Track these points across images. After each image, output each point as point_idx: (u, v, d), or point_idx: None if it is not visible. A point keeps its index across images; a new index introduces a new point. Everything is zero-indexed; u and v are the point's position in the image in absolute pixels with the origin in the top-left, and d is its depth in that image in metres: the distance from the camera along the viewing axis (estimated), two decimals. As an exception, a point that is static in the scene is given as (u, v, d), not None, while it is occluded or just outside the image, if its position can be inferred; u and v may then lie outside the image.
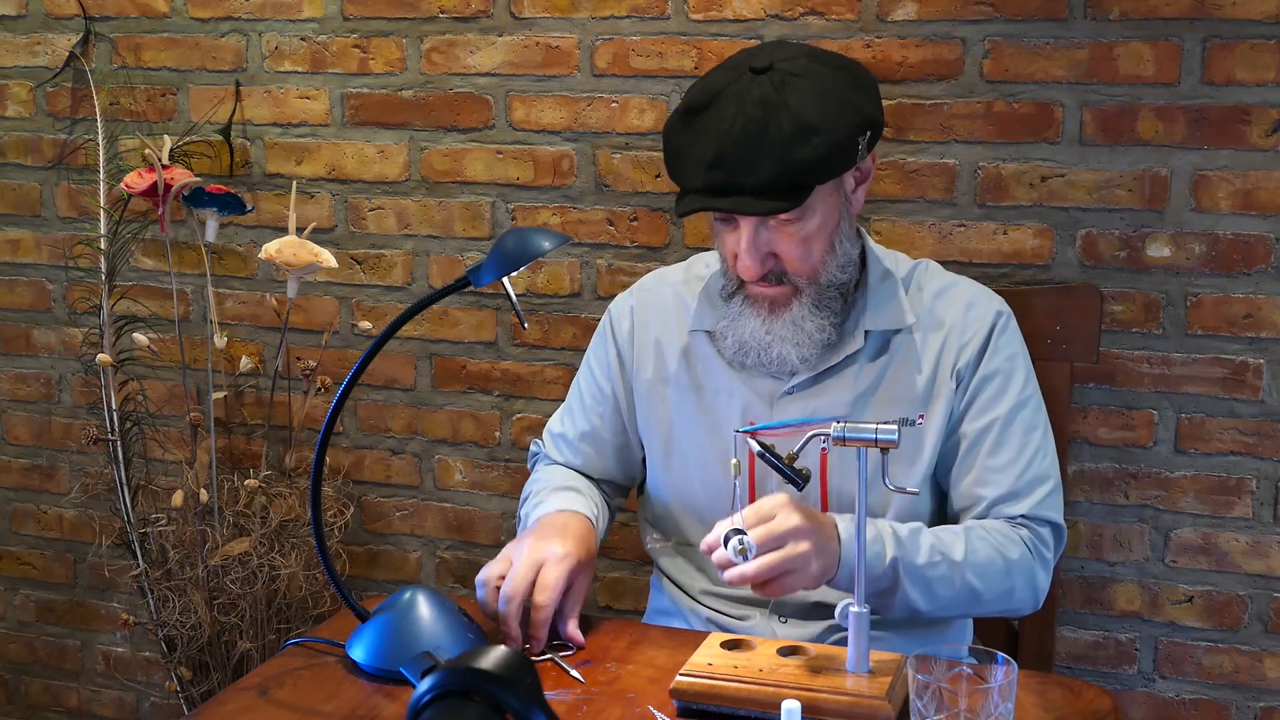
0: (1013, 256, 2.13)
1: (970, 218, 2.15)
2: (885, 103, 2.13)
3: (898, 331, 1.72)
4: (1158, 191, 2.06)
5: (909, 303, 1.74)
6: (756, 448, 1.45)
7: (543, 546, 1.62)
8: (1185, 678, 2.16)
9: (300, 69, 2.45)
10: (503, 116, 2.35)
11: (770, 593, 1.51)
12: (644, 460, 1.89)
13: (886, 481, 1.45)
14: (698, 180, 1.60)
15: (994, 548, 1.64)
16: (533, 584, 1.59)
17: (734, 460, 1.50)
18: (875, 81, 1.69)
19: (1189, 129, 2.03)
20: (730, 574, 1.48)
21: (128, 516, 2.52)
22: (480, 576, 1.63)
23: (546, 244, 1.52)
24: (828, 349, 1.71)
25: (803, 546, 1.49)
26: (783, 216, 1.61)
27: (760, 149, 1.56)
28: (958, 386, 1.71)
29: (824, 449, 1.47)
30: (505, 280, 1.53)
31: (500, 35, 2.32)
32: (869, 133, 1.63)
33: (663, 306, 1.84)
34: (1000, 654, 1.30)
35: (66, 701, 2.84)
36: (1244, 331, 2.06)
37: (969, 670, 1.31)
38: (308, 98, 2.45)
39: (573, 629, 1.60)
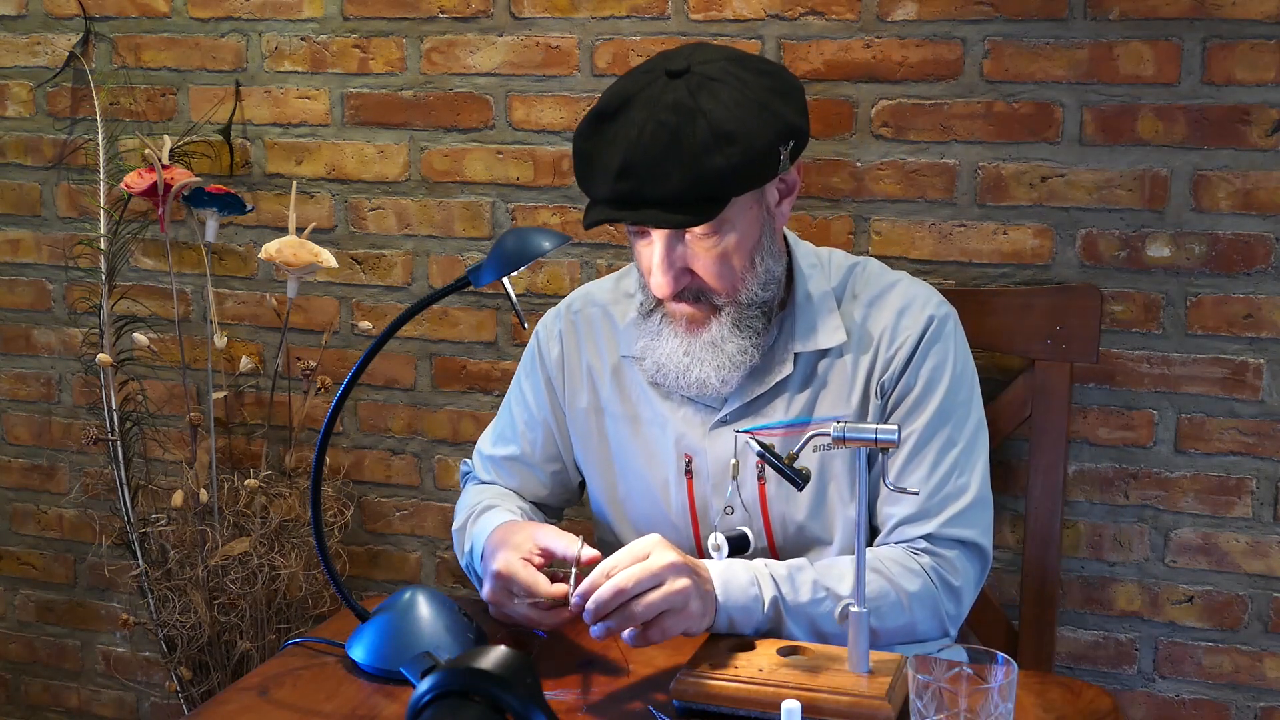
0: (1013, 256, 2.13)
1: (970, 218, 2.15)
2: (885, 103, 2.14)
3: (828, 352, 1.66)
4: (1158, 191, 2.06)
5: (840, 318, 1.66)
6: (756, 448, 1.45)
7: (491, 568, 1.59)
8: (1185, 678, 2.16)
9: (300, 69, 2.45)
10: (503, 116, 2.35)
11: (651, 638, 1.46)
12: (581, 484, 1.86)
13: (887, 482, 1.45)
14: (605, 190, 1.52)
15: (887, 580, 1.57)
16: (507, 591, 1.57)
17: (733, 461, 1.50)
18: (801, 89, 1.62)
19: (1189, 129, 2.03)
20: (595, 631, 1.44)
21: (128, 516, 2.52)
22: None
23: (546, 244, 1.52)
24: (756, 374, 1.65)
25: (681, 583, 1.44)
26: (697, 231, 1.54)
27: (671, 157, 1.48)
28: (880, 399, 1.65)
29: (762, 480, 1.45)
30: (505, 280, 1.53)
31: (500, 35, 2.32)
32: (791, 142, 1.55)
33: (593, 329, 1.78)
34: (1000, 654, 1.30)
35: (66, 701, 2.84)
36: (1244, 331, 2.06)
37: (969, 670, 1.31)
38: (308, 98, 2.45)
39: (586, 552, 1.56)
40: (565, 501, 1.90)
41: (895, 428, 1.39)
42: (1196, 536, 2.12)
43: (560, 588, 1.53)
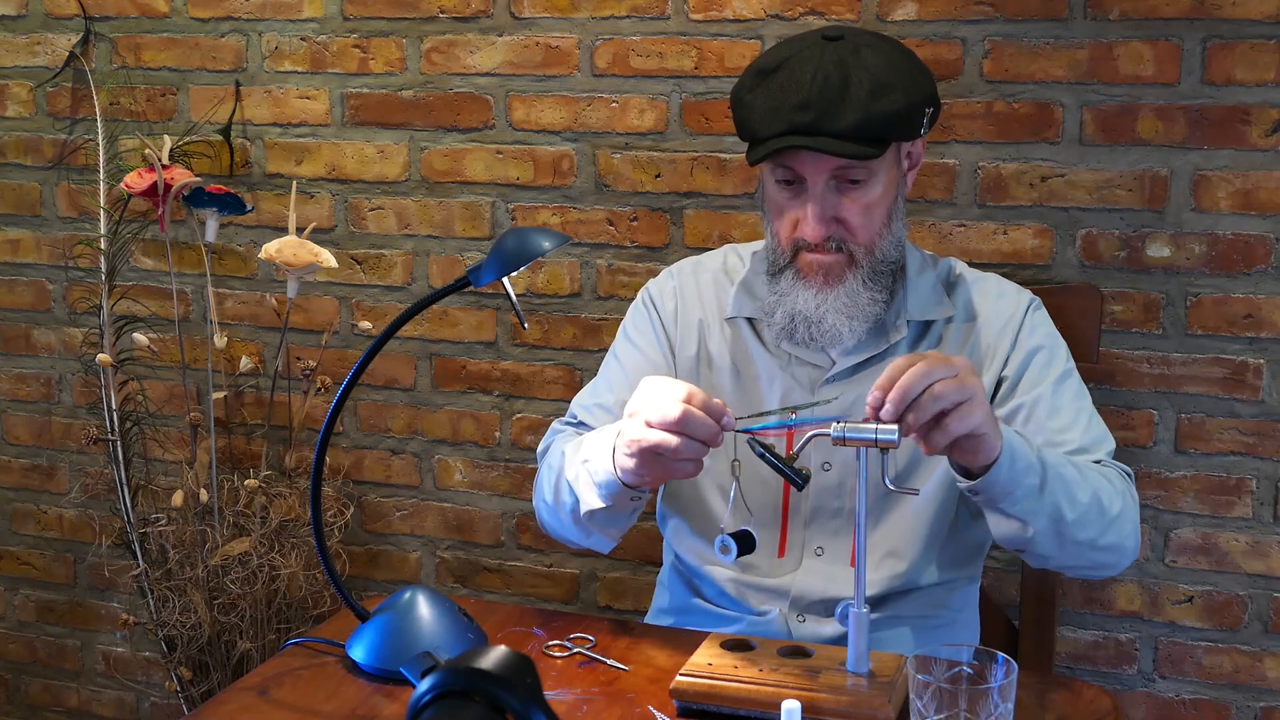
0: (1013, 256, 2.13)
1: (970, 218, 2.15)
2: (885, 103, 2.14)
3: (933, 324, 1.75)
4: (1158, 191, 2.06)
5: (946, 295, 1.76)
6: (757, 449, 1.45)
7: (651, 389, 1.49)
8: (1185, 678, 2.16)
9: (300, 69, 2.45)
10: (503, 116, 2.35)
11: (951, 430, 1.39)
12: None
13: (887, 481, 1.45)
14: (782, 124, 1.61)
15: (1099, 473, 1.62)
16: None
17: (734, 460, 1.49)
18: (933, 75, 1.73)
19: (1189, 129, 2.03)
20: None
21: (128, 516, 2.52)
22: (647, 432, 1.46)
23: (546, 244, 1.52)
24: (868, 340, 1.72)
25: (974, 379, 1.41)
26: (851, 174, 1.64)
27: (843, 99, 1.59)
28: (1004, 366, 1.72)
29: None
30: (505, 280, 1.53)
31: (500, 35, 2.32)
32: (931, 109, 1.67)
33: (704, 290, 1.85)
34: (1000, 654, 1.30)
35: (66, 701, 2.84)
36: (1244, 331, 2.06)
37: (969, 670, 1.31)
38: (308, 98, 2.45)
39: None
40: None
41: (895, 427, 1.39)
42: (1196, 536, 2.12)
43: (718, 403, 1.43)
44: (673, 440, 1.44)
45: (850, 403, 1.71)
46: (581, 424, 1.84)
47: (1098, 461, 1.67)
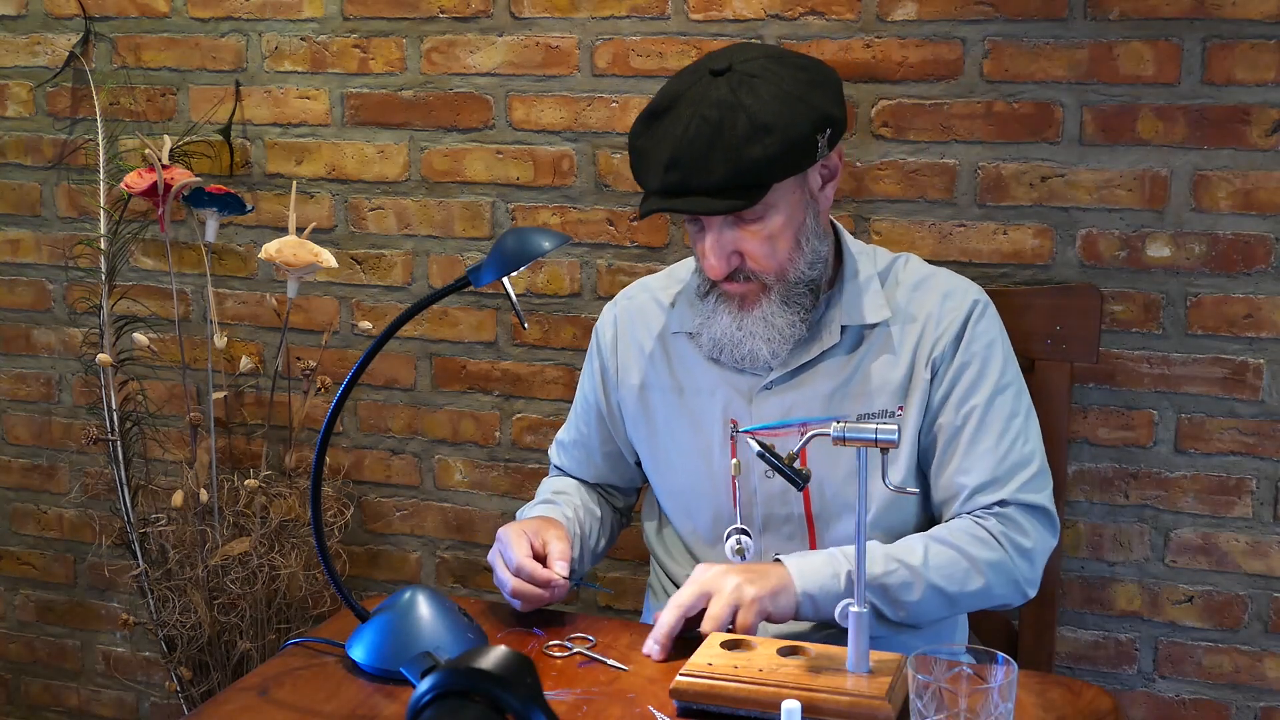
0: (1013, 256, 2.14)
1: (970, 218, 2.15)
2: (885, 103, 2.14)
3: (874, 326, 1.73)
4: (1158, 191, 2.06)
5: (885, 298, 1.74)
6: (756, 448, 1.45)
7: (502, 542, 1.69)
8: (1185, 678, 2.16)
9: (300, 69, 2.45)
10: (503, 116, 2.35)
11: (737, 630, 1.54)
12: (639, 464, 1.92)
13: (887, 481, 1.45)
14: (656, 182, 1.63)
15: (956, 549, 1.63)
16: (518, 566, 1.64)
17: (735, 460, 1.50)
18: (837, 80, 1.69)
19: (1189, 129, 2.03)
20: (650, 648, 1.55)
21: (128, 516, 2.52)
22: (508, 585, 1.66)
23: (546, 244, 1.52)
24: (803, 344, 1.72)
25: (731, 581, 1.53)
26: (746, 215, 1.63)
27: (713, 150, 1.58)
28: (933, 377, 1.72)
29: (803, 447, 1.47)
30: (505, 280, 1.53)
31: (500, 35, 2.32)
32: (828, 130, 1.63)
33: (644, 312, 1.87)
34: (1000, 654, 1.30)
35: (66, 701, 2.84)
36: (1244, 331, 2.06)
37: (969, 670, 1.31)
38: (308, 98, 2.46)
39: (560, 568, 1.65)
40: (630, 482, 1.97)
41: (895, 427, 1.40)
42: (1196, 536, 2.12)
43: (545, 573, 1.62)
44: (509, 586, 1.64)
45: (789, 407, 1.72)
46: (554, 460, 2.00)
47: (996, 503, 1.67)
